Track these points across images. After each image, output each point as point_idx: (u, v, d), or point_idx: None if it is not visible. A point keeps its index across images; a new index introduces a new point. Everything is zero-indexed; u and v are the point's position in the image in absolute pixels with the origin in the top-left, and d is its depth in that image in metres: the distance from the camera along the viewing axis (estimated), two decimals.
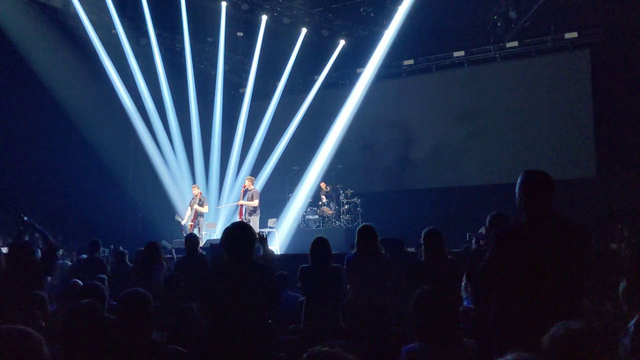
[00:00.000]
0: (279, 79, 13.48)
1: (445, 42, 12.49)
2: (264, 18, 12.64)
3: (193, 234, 6.70)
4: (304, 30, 12.85)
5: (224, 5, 12.39)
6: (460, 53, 12.40)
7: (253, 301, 3.05)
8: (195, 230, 9.63)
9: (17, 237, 5.00)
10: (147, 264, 5.36)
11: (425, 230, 4.12)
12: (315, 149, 12.60)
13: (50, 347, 2.44)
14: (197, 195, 10.23)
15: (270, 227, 10.53)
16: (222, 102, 13.37)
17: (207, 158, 13.32)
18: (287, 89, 13.63)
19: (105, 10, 11.69)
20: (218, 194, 13.30)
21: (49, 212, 10.64)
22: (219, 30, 12.62)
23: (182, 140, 12.91)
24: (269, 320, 3.64)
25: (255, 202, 9.84)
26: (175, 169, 12.76)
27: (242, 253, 3.14)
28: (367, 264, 4.14)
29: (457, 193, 11.75)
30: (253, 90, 13.55)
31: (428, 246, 4.05)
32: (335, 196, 11.32)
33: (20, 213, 4.84)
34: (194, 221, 10.04)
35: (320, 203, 11.41)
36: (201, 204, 10.16)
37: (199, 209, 10.09)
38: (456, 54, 12.45)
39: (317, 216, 11.31)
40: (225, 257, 3.18)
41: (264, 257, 4.06)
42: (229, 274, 3.11)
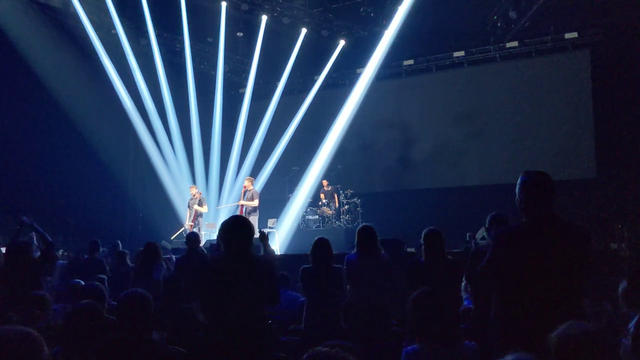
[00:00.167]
0: (279, 79, 13.49)
1: (445, 42, 12.49)
2: (264, 18, 12.64)
3: (194, 232, 6.70)
4: (303, 31, 12.85)
5: (223, 5, 12.39)
6: (460, 53, 12.41)
7: (252, 297, 2.98)
8: (194, 230, 9.64)
9: (14, 237, 5.00)
10: (147, 264, 5.37)
11: (426, 231, 4.11)
12: (315, 149, 12.60)
13: (50, 348, 2.45)
14: (195, 196, 10.25)
15: (270, 227, 10.53)
16: (222, 102, 13.37)
17: (207, 158, 13.31)
18: (287, 89, 13.63)
19: (105, 10, 11.69)
20: (218, 194, 13.30)
21: (49, 212, 10.62)
22: (218, 31, 12.63)
23: (182, 140, 12.90)
24: (269, 320, 3.63)
25: (255, 202, 9.87)
26: (175, 169, 12.75)
27: (239, 247, 3.06)
28: (367, 265, 4.14)
29: (457, 193, 11.75)
30: (253, 91, 13.55)
31: (428, 246, 4.05)
32: (337, 195, 11.31)
33: (19, 213, 4.85)
34: (193, 221, 10.04)
35: (320, 203, 11.41)
36: (200, 204, 10.17)
37: (198, 209, 10.10)
38: (456, 54, 12.46)
39: (317, 216, 11.31)
40: (223, 251, 3.11)
41: (265, 256, 4.06)
42: (227, 269, 3.03)
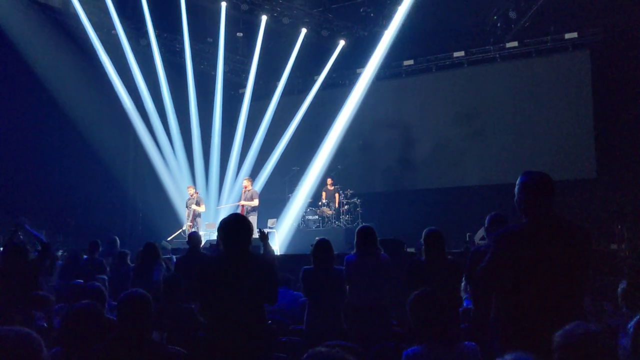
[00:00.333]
0: (279, 79, 13.48)
1: (445, 42, 12.49)
2: (264, 18, 12.64)
3: (195, 232, 6.70)
4: (303, 31, 12.84)
5: (223, 5, 12.39)
6: (460, 53, 12.40)
7: (251, 295, 2.98)
8: (193, 230, 9.65)
9: (10, 238, 5.02)
10: (146, 264, 5.37)
11: (427, 230, 4.11)
12: (315, 149, 12.60)
13: (50, 348, 2.45)
14: (192, 195, 10.28)
15: (270, 228, 10.53)
16: (222, 102, 13.37)
17: (207, 158, 13.31)
18: (287, 89, 13.62)
19: (105, 10, 11.68)
20: (218, 194, 13.29)
21: (49, 212, 10.63)
22: (218, 31, 12.62)
23: (182, 140, 12.90)
24: (269, 321, 3.63)
25: (255, 202, 9.90)
26: (175, 169, 12.75)
27: (238, 246, 3.06)
28: (366, 265, 4.13)
29: (457, 193, 11.75)
30: (253, 91, 13.55)
31: (429, 246, 4.05)
32: (338, 195, 11.30)
33: (18, 213, 4.86)
34: (192, 221, 10.06)
35: (320, 203, 11.41)
36: (198, 204, 10.20)
37: (196, 208, 10.13)
38: (456, 54, 12.45)
39: (316, 216, 11.30)
40: (222, 250, 3.12)
41: (265, 254, 4.05)
42: (226, 267, 3.04)
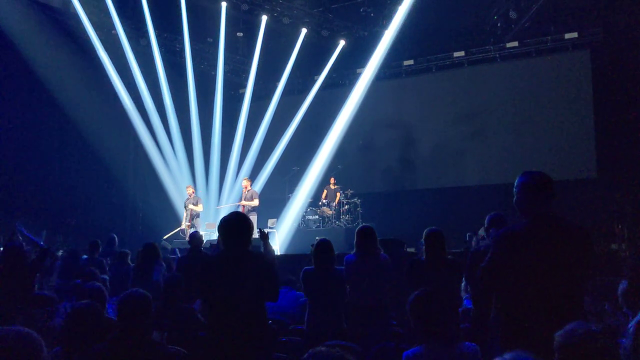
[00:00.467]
0: (279, 79, 13.49)
1: (445, 42, 12.49)
2: (264, 18, 12.64)
3: (197, 231, 6.71)
4: (303, 31, 12.85)
5: (223, 5, 12.39)
6: (460, 53, 12.40)
7: (252, 293, 2.98)
8: (192, 230, 9.66)
9: (9, 239, 5.04)
10: (146, 264, 5.37)
11: (427, 230, 4.11)
12: (315, 149, 12.60)
13: (51, 348, 2.45)
14: (191, 195, 10.31)
15: (270, 228, 10.53)
16: (222, 102, 13.37)
17: (207, 158, 13.31)
18: (287, 89, 13.62)
19: (105, 10, 11.69)
20: (218, 194, 13.30)
21: (49, 212, 10.64)
22: (219, 31, 12.63)
23: (182, 140, 12.91)
24: (269, 321, 3.62)
25: (256, 202, 9.93)
26: (175, 169, 12.75)
27: (238, 244, 3.07)
28: (366, 265, 4.13)
29: (457, 193, 11.75)
30: (253, 91, 13.55)
31: (429, 246, 4.05)
32: (339, 195, 11.30)
33: (16, 217, 4.90)
34: (190, 221, 10.08)
35: (320, 203, 11.41)
36: (195, 203, 10.22)
37: (194, 208, 10.15)
38: (456, 54, 12.45)
39: (317, 216, 11.30)
40: (222, 248, 3.13)
41: (265, 254, 4.04)
42: (226, 266, 3.04)
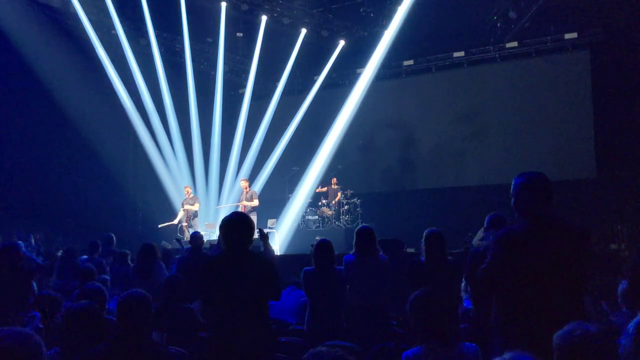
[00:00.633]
0: (279, 79, 13.49)
1: (445, 42, 12.47)
2: (264, 18, 12.64)
3: (198, 232, 6.72)
4: (303, 31, 12.84)
5: (223, 5, 12.38)
6: (460, 53, 12.40)
7: (253, 292, 2.99)
8: (190, 230, 9.67)
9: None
10: (145, 264, 5.37)
11: (427, 231, 4.12)
12: (315, 150, 12.60)
13: (49, 349, 2.45)
14: (189, 195, 10.39)
15: (269, 228, 10.53)
16: (221, 102, 13.37)
17: (207, 158, 13.31)
18: (286, 89, 13.62)
19: (105, 10, 11.69)
20: (218, 194, 13.30)
21: (49, 212, 10.64)
22: (218, 31, 12.62)
23: (181, 140, 12.91)
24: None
25: (256, 202, 9.94)
26: (175, 169, 12.76)
27: (240, 244, 3.07)
28: (365, 265, 4.14)
29: (457, 193, 11.74)
30: (253, 91, 13.55)
31: (429, 246, 4.05)
32: (340, 194, 11.30)
33: (14, 234, 5.02)
34: (187, 221, 10.11)
35: (320, 203, 11.41)
36: (192, 203, 10.27)
37: (190, 208, 10.20)
38: (456, 54, 12.45)
39: (316, 216, 11.30)
40: (223, 248, 3.13)
41: (265, 254, 4.04)
42: (228, 266, 3.04)
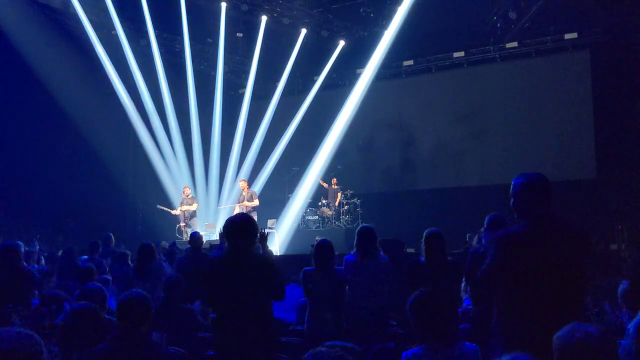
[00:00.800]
0: (279, 79, 13.48)
1: (445, 42, 12.47)
2: (264, 19, 12.64)
3: (197, 232, 6.72)
4: (303, 31, 12.84)
5: (223, 5, 12.38)
6: (460, 53, 12.39)
7: (258, 292, 3.00)
8: (189, 230, 9.68)
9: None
10: (145, 265, 5.36)
11: (427, 231, 4.11)
12: (315, 150, 12.59)
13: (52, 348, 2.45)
14: (187, 196, 10.41)
15: (269, 228, 10.54)
16: (221, 102, 13.38)
17: (207, 158, 13.31)
18: (286, 89, 13.62)
19: (105, 11, 11.70)
20: (218, 194, 13.30)
21: (49, 212, 10.63)
22: (218, 31, 12.62)
23: (181, 140, 12.91)
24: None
25: (256, 202, 9.97)
26: (174, 169, 12.76)
27: (244, 244, 3.08)
28: (366, 266, 4.13)
29: (457, 194, 11.74)
30: (253, 91, 13.54)
31: (429, 247, 4.05)
32: (340, 195, 11.30)
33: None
34: (185, 221, 10.13)
35: (320, 203, 11.41)
36: (190, 203, 10.30)
37: (188, 208, 10.24)
38: (456, 54, 12.44)
39: (316, 217, 11.31)
40: (227, 250, 3.14)
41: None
42: (231, 267, 3.05)
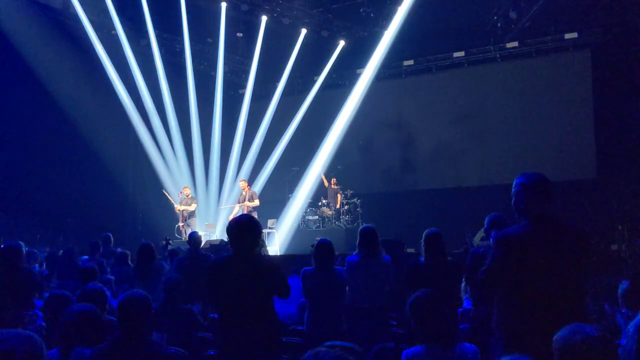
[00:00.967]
0: (279, 79, 13.49)
1: (445, 42, 12.47)
2: (264, 19, 12.64)
3: (196, 232, 6.71)
4: (303, 31, 12.84)
5: (223, 6, 12.38)
6: (460, 53, 12.39)
7: (263, 291, 3.02)
8: (188, 230, 9.68)
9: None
10: (145, 265, 5.36)
11: (427, 232, 4.11)
12: (315, 150, 12.60)
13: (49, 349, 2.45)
14: (187, 196, 10.41)
15: (270, 228, 10.55)
16: (222, 102, 13.37)
17: (207, 158, 13.31)
18: (286, 89, 13.63)
19: (106, 11, 11.69)
20: (218, 194, 13.30)
21: (49, 212, 10.63)
22: (218, 31, 12.62)
23: (182, 140, 12.91)
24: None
25: (257, 202, 9.96)
26: (175, 169, 12.76)
27: (249, 246, 3.09)
28: (368, 266, 4.13)
29: (457, 194, 11.73)
30: (253, 91, 13.55)
31: (428, 247, 4.04)
32: (340, 195, 11.30)
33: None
34: (183, 221, 10.14)
35: (320, 203, 11.41)
36: (189, 204, 10.30)
37: (186, 208, 10.23)
38: (456, 54, 12.44)
39: (316, 217, 11.31)
40: (231, 251, 3.16)
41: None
42: (236, 268, 3.06)
